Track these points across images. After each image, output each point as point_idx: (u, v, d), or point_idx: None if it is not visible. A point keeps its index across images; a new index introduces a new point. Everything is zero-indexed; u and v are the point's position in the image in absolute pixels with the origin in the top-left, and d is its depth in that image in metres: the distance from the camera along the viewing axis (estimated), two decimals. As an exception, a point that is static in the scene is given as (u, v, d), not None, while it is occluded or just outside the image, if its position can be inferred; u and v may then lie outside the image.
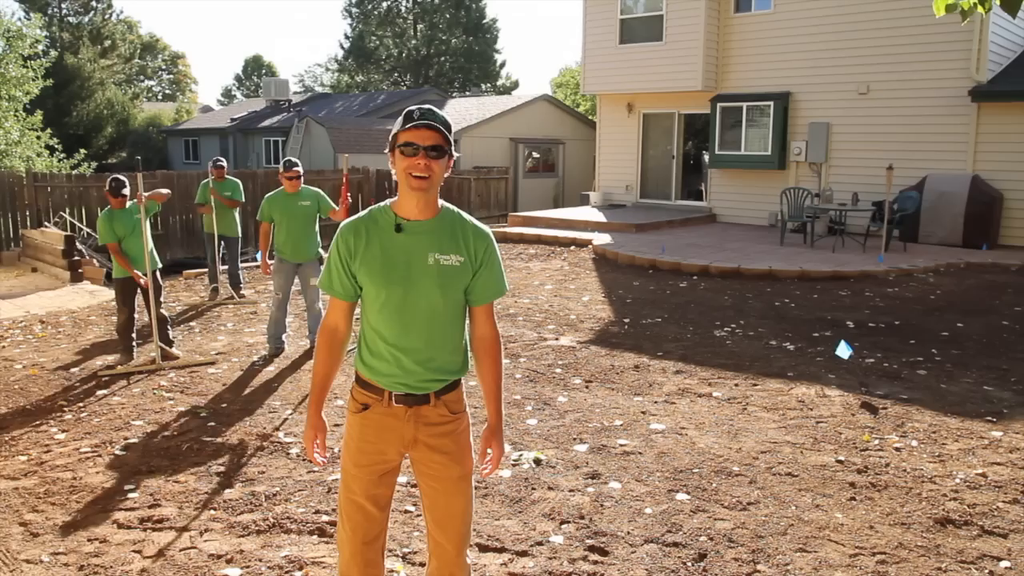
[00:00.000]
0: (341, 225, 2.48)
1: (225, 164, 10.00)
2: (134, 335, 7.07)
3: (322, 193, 7.31)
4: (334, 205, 7.28)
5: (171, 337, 7.17)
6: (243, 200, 10.01)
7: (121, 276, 6.92)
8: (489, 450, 2.56)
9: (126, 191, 6.81)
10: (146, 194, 6.87)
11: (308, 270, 7.13)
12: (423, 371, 2.44)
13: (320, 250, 7.30)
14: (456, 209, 2.52)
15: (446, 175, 2.39)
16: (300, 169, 7.07)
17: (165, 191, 7.12)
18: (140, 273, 6.85)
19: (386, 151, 2.40)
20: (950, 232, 12.77)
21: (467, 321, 2.54)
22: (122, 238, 6.79)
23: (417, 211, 2.40)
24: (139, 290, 7.02)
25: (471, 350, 2.57)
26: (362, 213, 2.49)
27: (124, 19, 42.68)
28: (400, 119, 2.33)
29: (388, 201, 2.47)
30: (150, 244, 6.91)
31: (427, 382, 2.45)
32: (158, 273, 7.05)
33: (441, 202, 2.48)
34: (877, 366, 6.60)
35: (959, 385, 6.11)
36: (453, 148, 2.36)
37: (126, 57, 40.84)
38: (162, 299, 7.17)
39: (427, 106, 2.34)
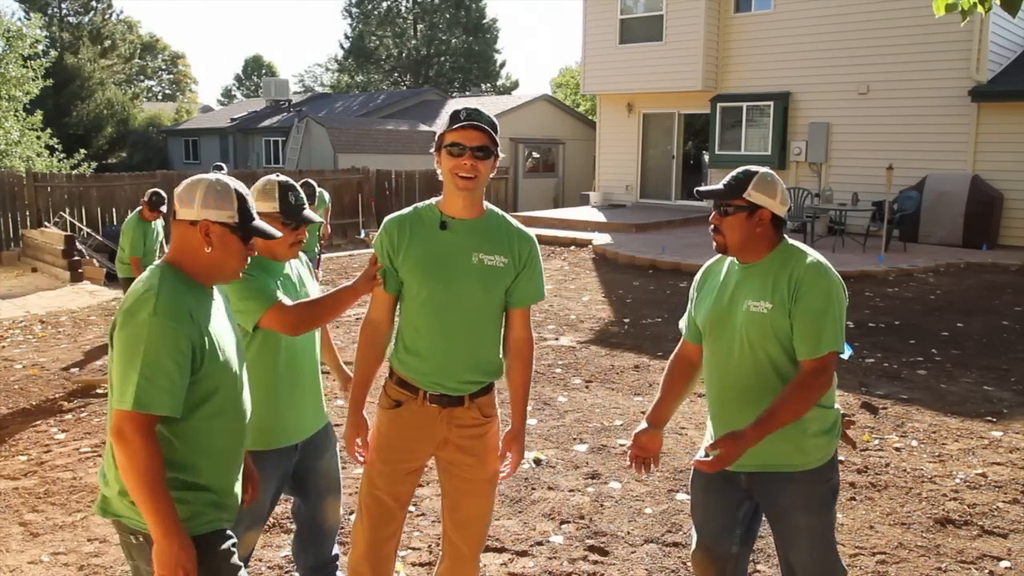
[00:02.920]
0: (386, 219, 2.46)
1: (225, 168, 10.07)
2: None
3: (324, 194, 7.61)
4: (328, 200, 7.83)
5: None
6: None
7: (130, 276, 6.99)
8: (508, 454, 2.54)
9: (164, 208, 7.03)
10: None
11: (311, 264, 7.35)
12: (460, 372, 2.42)
13: (316, 247, 7.55)
14: (501, 211, 2.52)
15: (491, 175, 2.38)
16: (316, 194, 7.44)
17: None
18: None
19: (432, 150, 2.39)
20: (950, 232, 12.77)
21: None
22: (147, 252, 6.97)
23: (463, 210, 2.39)
24: None
25: (503, 352, 2.55)
26: (407, 209, 2.48)
27: (124, 19, 42.67)
28: (447, 119, 2.34)
29: (433, 199, 2.45)
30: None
31: (463, 384, 2.43)
32: None
33: (486, 203, 2.48)
34: (877, 366, 6.60)
35: (959, 385, 6.10)
36: (499, 149, 2.35)
37: (126, 57, 40.82)
38: None
39: (474, 107, 2.34)
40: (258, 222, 2.07)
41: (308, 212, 2.64)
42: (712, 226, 2.43)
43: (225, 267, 2.02)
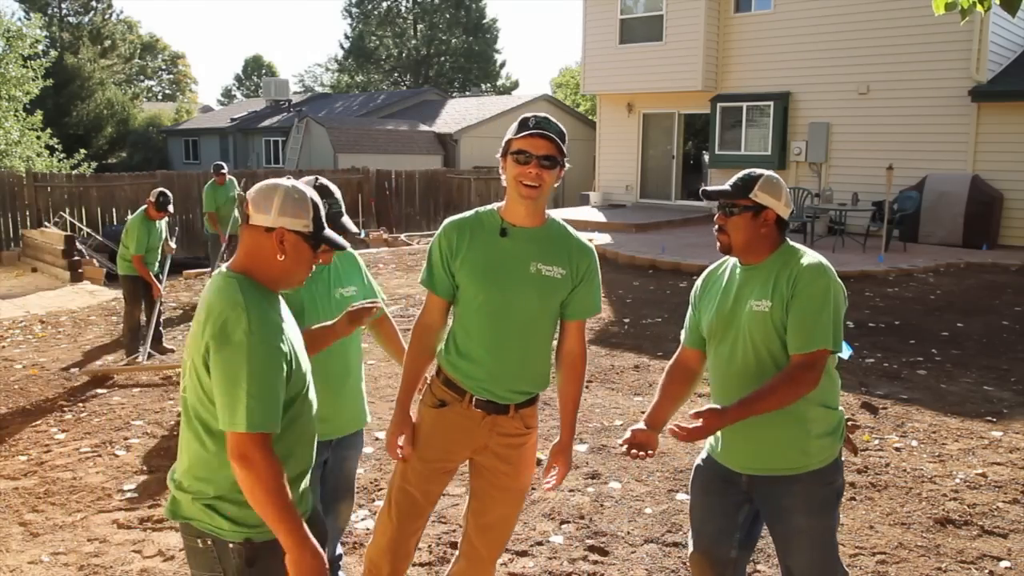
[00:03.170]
0: (446, 222, 2.45)
1: (225, 167, 10.12)
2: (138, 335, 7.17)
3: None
4: None
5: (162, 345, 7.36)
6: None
7: (131, 273, 7.01)
8: (555, 466, 2.52)
9: (171, 208, 7.11)
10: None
11: None
12: (509, 380, 2.41)
13: None
14: (562, 221, 2.49)
15: (556, 185, 2.36)
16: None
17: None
18: (159, 287, 7.09)
19: (498, 155, 2.38)
20: (950, 232, 12.77)
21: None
22: (150, 250, 7.01)
23: (524, 218, 2.37)
24: (142, 292, 7.13)
25: (556, 364, 2.53)
26: (468, 213, 2.45)
27: (124, 19, 42.68)
28: (515, 125, 2.33)
29: (495, 204, 2.44)
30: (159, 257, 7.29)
31: (511, 392, 2.42)
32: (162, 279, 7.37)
33: (548, 212, 2.46)
34: (877, 366, 6.60)
35: (959, 385, 6.11)
36: (566, 159, 2.32)
37: (126, 57, 40.84)
38: (161, 307, 7.35)
39: (543, 115, 2.33)
40: (329, 232, 2.05)
41: (345, 221, 2.62)
42: (717, 226, 2.44)
43: (294, 275, 2.01)
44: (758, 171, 2.43)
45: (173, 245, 7.71)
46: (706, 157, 16.69)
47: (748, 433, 2.40)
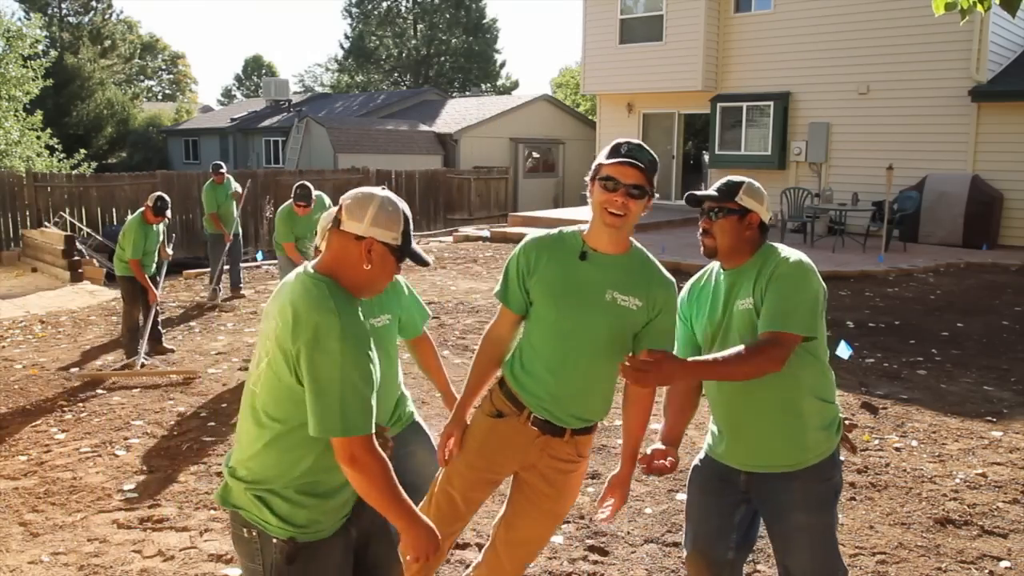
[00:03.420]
0: (527, 238, 2.42)
1: (224, 167, 10.13)
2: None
3: (324, 198, 7.58)
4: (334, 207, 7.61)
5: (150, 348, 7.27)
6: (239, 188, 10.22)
7: (128, 274, 7.00)
8: (611, 498, 2.49)
9: (168, 212, 7.17)
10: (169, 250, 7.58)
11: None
12: (570, 404, 2.39)
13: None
14: (645, 250, 2.46)
15: (643, 214, 2.34)
16: (313, 197, 7.42)
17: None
18: (155, 292, 7.07)
19: (587, 179, 2.34)
20: (950, 232, 12.77)
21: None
22: (146, 253, 7.04)
23: (607, 245, 2.34)
24: (140, 292, 7.13)
25: (623, 395, 2.50)
26: (551, 232, 2.43)
27: (124, 19, 42.64)
28: (606, 150, 2.29)
29: (580, 226, 2.41)
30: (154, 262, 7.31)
31: (570, 416, 2.40)
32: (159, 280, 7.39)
33: (632, 240, 2.44)
34: (877, 366, 6.60)
35: (959, 385, 6.10)
36: (655, 187, 2.31)
37: (126, 57, 40.81)
38: (157, 308, 7.34)
39: (636, 141, 2.30)
40: (415, 246, 2.10)
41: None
42: (702, 230, 2.47)
43: (377, 284, 2.06)
44: (739, 178, 2.48)
45: (170, 251, 7.62)
46: (706, 157, 16.69)
47: (745, 429, 2.41)
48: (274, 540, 1.96)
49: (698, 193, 2.50)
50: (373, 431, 1.89)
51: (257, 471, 1.98)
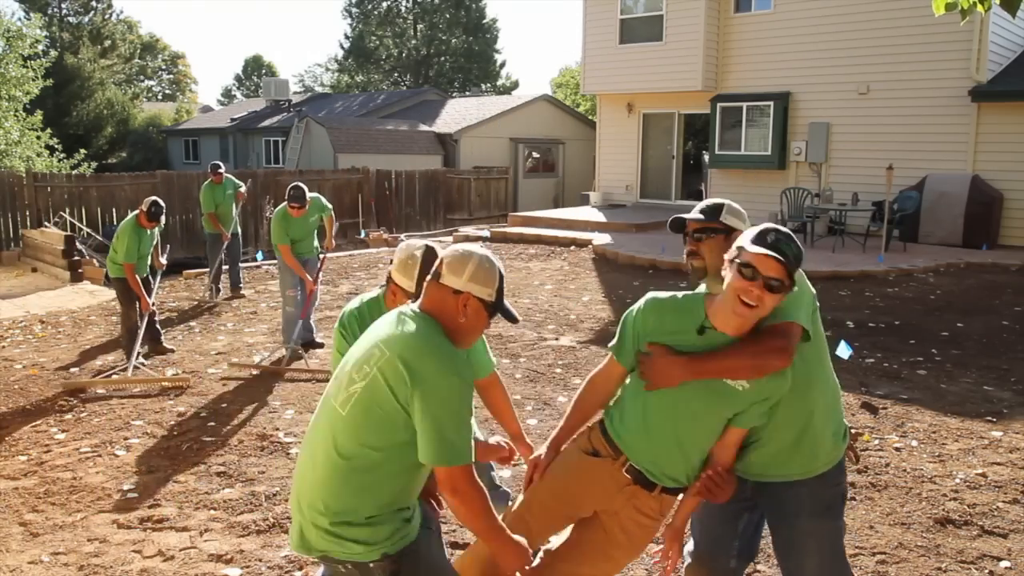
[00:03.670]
0: (650, 299, 2.37)
1: (223, 167, 10.14)
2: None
3: (322, 200, 7.51)
4: (330, 207, 7.65)
5: (142, 352, 7.17)
6: (242, 186, 10.23)
7: (122, 276, 6.97)
8: (671, 552, 2.49)
9: (163, 219, 7.12)
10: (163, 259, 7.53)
11: (309, 265, 7.31)
12: (663, 463, 2.37)
13: (316, 245, 7.55)
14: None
15: (774, 306, 2.22)
16: (307, 198, 7.21)
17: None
18: (148, 301, 6.99)
19: (726, 256, 2.24)
20: (950, 232, 12.76)
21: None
22: (140, 257, 7.00)
23: (731, 329, 2.26)
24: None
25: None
26: (676, 295, 2.37)
27: (124, 19, 42.62)
28: (752, 233, 2.21)
29: (705, 289, 2.35)
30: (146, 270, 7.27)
31: (663, 475, 2.38)
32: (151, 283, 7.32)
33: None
34: (877, 366, 6.60)
35: (959, 385, 6.10)
36: (795, 281, 2.19)
37: (126, 57, 40.80)
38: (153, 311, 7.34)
39: (785, 231, 2.21)
40: (506, 303, 2.22)
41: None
42: (688, 252, 2.48)
43: (469, 337, 2.19)
44: (718, 200, 2.51)
45: (163, 261, 7.54)
46: (706, 157, 16.69)
47: (762, 443, 2.40)
48: (371, 564, 2.05)
49: (684, 216, 2.51)
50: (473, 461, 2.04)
51: (335, 505, 2.05)
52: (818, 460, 2.40)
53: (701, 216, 2.48)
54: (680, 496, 2.45)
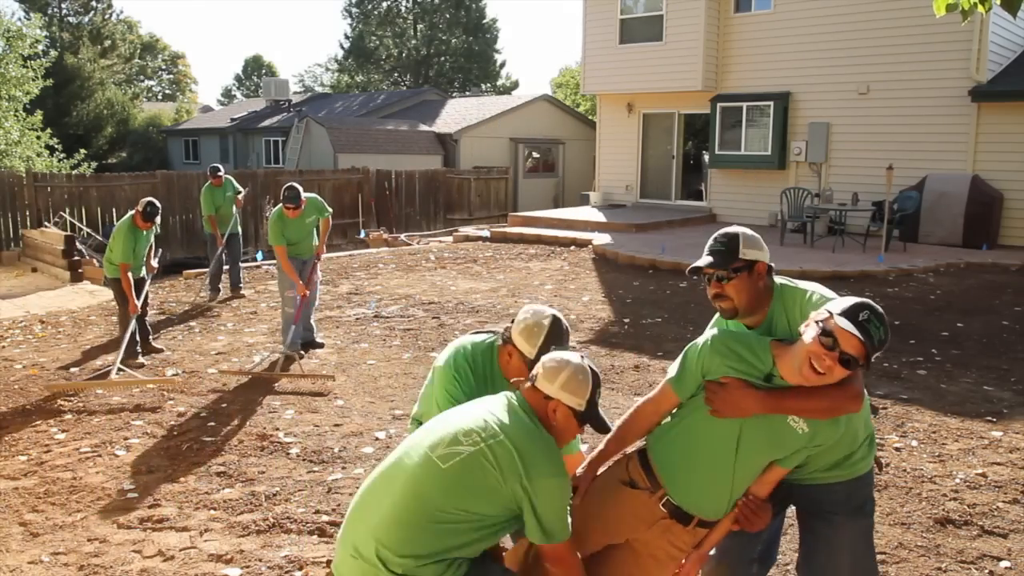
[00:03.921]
0: (721, 338, 2.34)
1: (222, 169, 10.16)
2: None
3: (319, 200, 7.49)
4: (329, 209, 7.62)
5: (138, 349, 7.14)
6: (241, 191, 10.23)
7: (118, 276, 7.00)
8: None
9: (158, 219, 7.14)
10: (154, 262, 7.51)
11: (307, 267, 7.30)
12: (705, 499, 2.34)
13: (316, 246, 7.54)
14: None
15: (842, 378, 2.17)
16: (303, 198, 7.17)
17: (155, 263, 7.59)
18: (136, 304, 6.94)
19: (816, 316, 2.18)
20: (950, 232, 12.76)
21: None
22: (135, 256, 7.01)
23: (795, 383, 2.22)
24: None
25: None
26: (744, 334, 2.34)
27: (124, 19, 42.64)
28: (845, 305, 2.14)
29: (778, 342, 2.30)
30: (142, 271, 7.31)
31: (701, 509, 2.36)
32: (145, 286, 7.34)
33: None
34: (877, 366, 6.56)
35: (959, 385, 6.10)
36: (870, 363, 2.14)
37: (126, 57, 40.81)
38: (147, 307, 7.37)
39: (879, 311, 2.14)
40: (597, 412, 2.32)
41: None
42: (714, 295, 2.41)
43: (560, 439, 2.31)
44: (732, 231, 2.42)
45: (155, 264, 7.49)
46: (706, 157, 16.69)
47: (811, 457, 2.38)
48: None
49: (700, 264, 2.41)
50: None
51: (408, 548, 2.14)
52: (856, 466, 2.42)
53: (719, 260, 2.38)
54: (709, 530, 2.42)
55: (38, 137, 21.15)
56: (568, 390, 2.25)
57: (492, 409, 2.28)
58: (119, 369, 6.50)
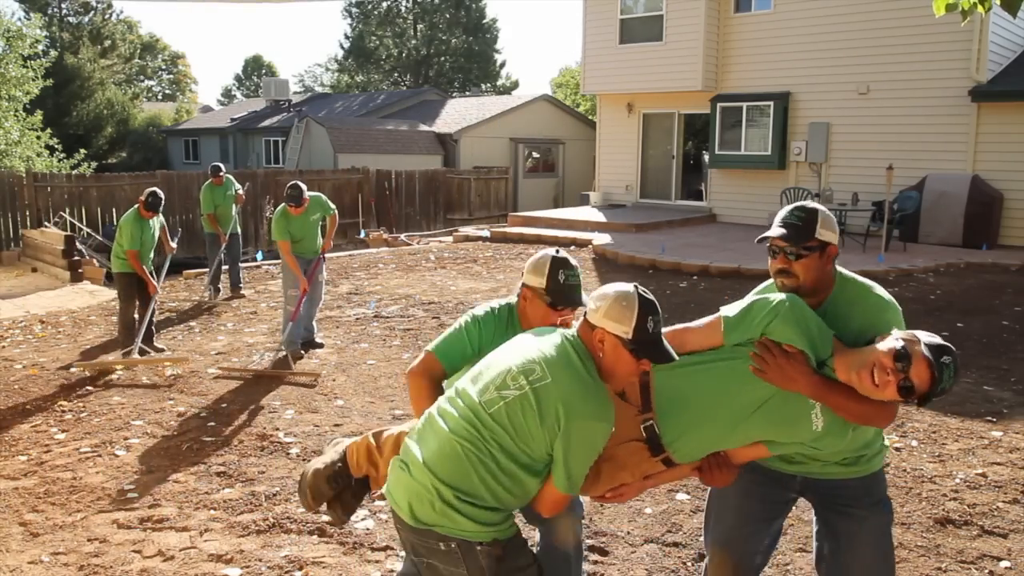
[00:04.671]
0: (798, 307, 2.21)
1: (223, 169, 10.16)
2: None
3: (324, 199, 7.49)
4: (333, 207, 7.61)
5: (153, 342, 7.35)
6: (241, 188, 10.27)
7: (125, 271, 7.06)
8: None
9: (161, 208, 7.30)
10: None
11: (311, 266, 7.30)
12: (683, 443, 2.28)
13: (320, 245, 7.52)
14: None
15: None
16: (306, 196, 7.18)
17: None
18: (155, 284, 7.17)
19: (901, 334, 2.15)
20: (950, 232, 12.76)
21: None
22: (143, 245, 7.10)
23: (843, 381, 2.19)
24: (136, 289, 7.18)
25: None
26: (817, 322, 2.23)
27: (124, 19, 42.62)
28: (934, 340, 2.09)
29: (838, 338, 2.25)
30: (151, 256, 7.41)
31: (677, 450, 2.31)
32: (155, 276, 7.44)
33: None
34: (877, 366, 6.59)
35: (959, 385, 6.10)
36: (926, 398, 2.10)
37: (126, 57, 40.81)
38: (155, 305, 7.41)
39: (958, 363, 2.10)
40: (652, 340, 2.15)
41: (580, 297, 2.68)
42: (779, 269, 2.30)
43: (614, 375, 2.18)
44: (810, 205, 2.32)
45: (174, 245, 7.79)
46: (706, 157, 16.69)
47: (822, 451, 2.33)
48: (479, 546, 2.09)
49: (772, 235, 2.30)
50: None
51: (459, 484, 2.11)
52: (872, 462, 2.41)
53: (793, 234, 2.28)
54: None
55: (38, 137, 21.15)
56: (611, 317, 2.13)
57: (544, 348, 2.19)
58: (141, 350, 6.90)
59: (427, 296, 9.49)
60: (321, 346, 7.39)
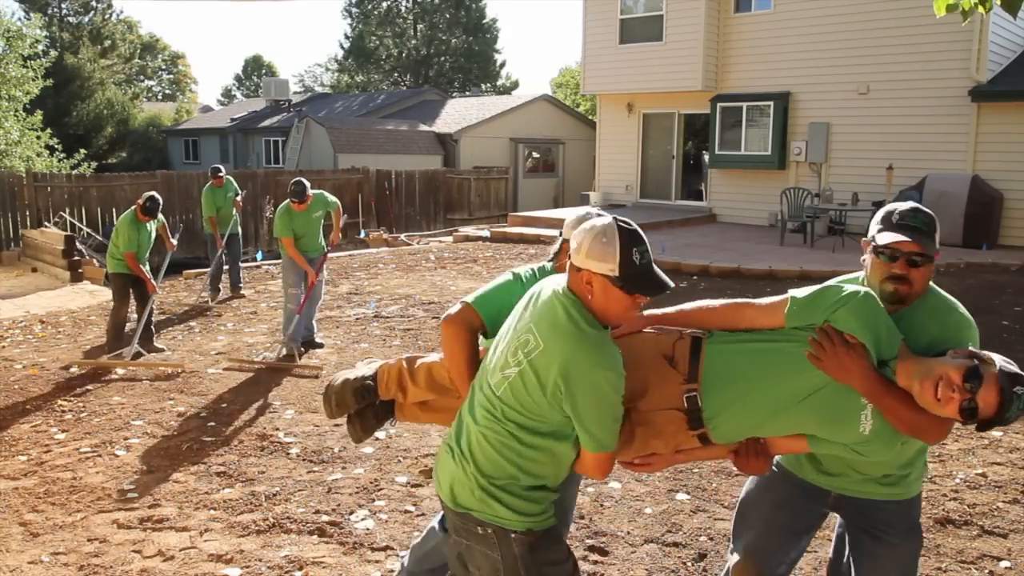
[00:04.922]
0: (874, 304, 2.09)
1: (223, 170, 10.17)
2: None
3: (326, 196, 7.51)
4: (338, 202, 7.66)
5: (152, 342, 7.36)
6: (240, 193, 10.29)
7: (121, 271, 7.09)
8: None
9: (159, 213, 7.30)
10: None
11: (313, 264, 7.32)
12: (725, 421, 2.16)
13: (322, 243, 7.51)
14: None
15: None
16: (309, 193, 7.19)
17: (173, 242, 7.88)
18: (153, 283, 7.21)
19: (972, 355, 2.01)
20: (950, 232, 12.75)
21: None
22: (141, 247, 7.12)
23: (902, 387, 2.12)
24: (132, 290, 7.21)
25: None
26: (888, 323, 2.11)
27: (124, 19, 42.63)
28: (1011, 367, 1.96)
29: (905, 344, 2.15)
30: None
31: (716, 426, 2.21)
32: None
33: None
34: (877, 366, 6.59)
35: (959, 385, 6.09)
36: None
37: (126, 57, 40.81)
38: (152, 304, 7.41)
39: (1018, 373, 1.97)
40: (642, 276, 2.07)
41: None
42: (896, 275, 2.14)
43: (608, 315, 2.07)
44: (926, 209, 2.18)
45: (174, 242, 7.85)
46: (706, 157, 16.69)
47: (860, 467, 2.29)
48: (512, 534, 2.08)
49: (905, 238, 2.12)
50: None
51: (491, 470, 2.09)
52: (912, 486, 2.34)
53: (924, 240, 2.12)
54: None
55: (38, 137, 21.15)
56: (594, 256, 2.00)
57: (535, 313, 2.10)
58: (137, 352, 6.92)
59: (427, 296, 9.49)
60: (321, 346, 7.39)
